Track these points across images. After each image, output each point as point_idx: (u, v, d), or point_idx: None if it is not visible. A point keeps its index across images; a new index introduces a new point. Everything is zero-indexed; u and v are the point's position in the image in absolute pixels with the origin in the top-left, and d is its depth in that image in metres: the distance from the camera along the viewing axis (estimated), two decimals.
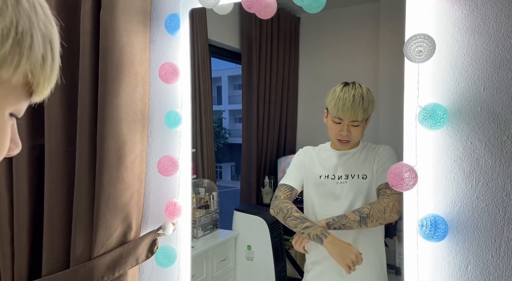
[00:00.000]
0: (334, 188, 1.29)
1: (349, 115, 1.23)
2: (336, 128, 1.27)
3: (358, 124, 1.25)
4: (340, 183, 1.28)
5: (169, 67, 1.16)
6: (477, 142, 0.90)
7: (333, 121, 1.27)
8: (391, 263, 1.36)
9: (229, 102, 2.88)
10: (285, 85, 2.25)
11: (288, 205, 1.31)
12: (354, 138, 1.27)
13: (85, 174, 1.19)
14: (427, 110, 0.89)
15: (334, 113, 1.26)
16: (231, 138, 2.61)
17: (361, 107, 1.23)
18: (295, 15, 2.23)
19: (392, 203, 1.18)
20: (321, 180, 1.31)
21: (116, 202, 1.17)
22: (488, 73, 0.89)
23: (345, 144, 1.28)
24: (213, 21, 1.82)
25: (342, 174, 1.28)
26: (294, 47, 2.24)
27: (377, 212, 1.19)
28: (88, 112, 1.18)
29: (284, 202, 1.32)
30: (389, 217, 1.19)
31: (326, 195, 1.31)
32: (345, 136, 1.26)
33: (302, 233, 1.25)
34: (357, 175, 1.27)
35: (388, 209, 1.19)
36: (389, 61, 1.92)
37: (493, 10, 0.88)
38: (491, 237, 0.90)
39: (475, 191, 0.91)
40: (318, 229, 1.22)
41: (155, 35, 1.25)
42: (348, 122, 1.25)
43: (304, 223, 1.25)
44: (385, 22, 1.97)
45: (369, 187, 1.25)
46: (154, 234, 1.23)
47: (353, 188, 1.26)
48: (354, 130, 1.26)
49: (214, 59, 2.08)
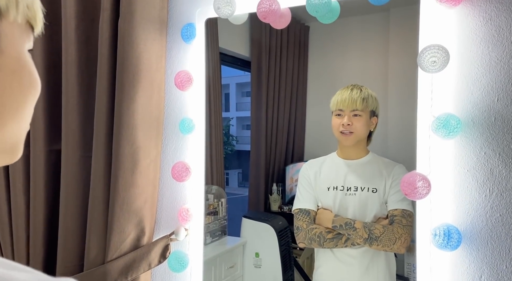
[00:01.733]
0: (344, 199, 1.28)
1: (348, 103, 1.26)
2: (338, 121, 1.29)
3: (359, 114, 1.26)
4: (349, 194, 1.28)
5: (185, 75, 1.18)
6: (491, 151, 0.91)
7: (336, 116, 1.29)
8: (399, 273, 1.35)
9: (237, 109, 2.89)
10: (294, 93, 2.26)
11: (316, 230, 1.28)
12: (356, 130, 1.27)
13: (100, 179, 1.21)
14: (440, 120, 0.90)
15: (335, 107, 1.29)
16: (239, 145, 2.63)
17: (359, 96, 1.25)
18: (304, 24, 2.26)
19: (405, 237, 1.17)
20: (329, 192, 1.31)
21: (130, 206, 1.18)
22: (502, 83, 0.89)
23: (348, 135, 1.28)
24: (224, 30, 1.85)
25: (351, 186, 1.28)
26: (304, 56, 2.26)
27: (387, 239, 1.18)
28: (105, 118, 1.20)
29: (310, 230, 1.29)
30: (397, 249, 1.18)
31: (335, 207, 1.30)
32: (346, 126, 1.26)
33: (346, 246, 1.25)
34: (367, 188, 1.26)
35: (399, 242, 1.17)
36: (399, 70, 1.93)
37: (507, 22, 0.89)
38: (506, 247, 0.90)
39: (489, 201, 0.91)
40: (356, 236, 1.23)
41: (171, 44, 1.28)
42: (349, 113, 1.26)
43: (341, 239, 1.25)
44: (395, 31, 1.98)
45: (379, 201, 1.25)
46: (167, 239, 1.24)
47: (362, 200, 1.26)
48: (356, 120, 1.26)
49: (223, 66, 2.10)
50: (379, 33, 2.03)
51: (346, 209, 1.27)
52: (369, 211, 1.25)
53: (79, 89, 1.23)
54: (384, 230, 1.19)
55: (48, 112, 1.28)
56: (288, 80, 2.26)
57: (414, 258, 1.26)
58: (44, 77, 1.25)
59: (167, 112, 1.30)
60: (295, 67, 2.28)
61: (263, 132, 2.21)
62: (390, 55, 1.99)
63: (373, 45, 2.07)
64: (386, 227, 1.20)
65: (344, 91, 1.29)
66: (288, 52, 2.28)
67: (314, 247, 1.33)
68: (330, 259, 1.31)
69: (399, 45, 1.96)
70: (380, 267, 1.25)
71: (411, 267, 1.36)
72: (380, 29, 2.02)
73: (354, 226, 1.22)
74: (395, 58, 1.96)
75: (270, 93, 2.22)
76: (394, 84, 1.91)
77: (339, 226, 1.23)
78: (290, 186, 2.27)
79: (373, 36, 2.07)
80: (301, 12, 1.01)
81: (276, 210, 2.20)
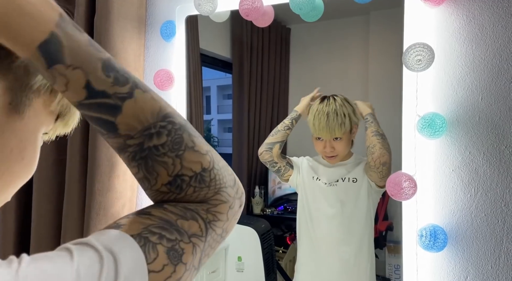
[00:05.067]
0: (326, 190, 1.30)
1: (326, 133, 1.25)
2: (320, 145, 1.29)
3: (339, 138, 1.25)
4: (331, 185, 1.29)
5: (165, 74, 1.14)
6: (476, 151, 0.90)
7: (316, 139, 1.30)
8: (381, 274, 1.34)
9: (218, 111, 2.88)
10: (275, 95, 2.25)
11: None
12: (339, 152, 1.28)
13: (75, 183, 1.16)
14: (425, 120, 0.89)
15: (314, 132, 1.30)
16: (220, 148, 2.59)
17: (336, 124, 1.25)
18: (285, 26, 2.25)
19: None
20: (313, 180, 1.32)
21: (107, 211, 1.14)
22: (486, 83, 0.89)
23: (332, 158, 1.30)
24: (205, 30, 1.82)
25: (332, 181, 1.29)
26: (285, 58, 2.25)
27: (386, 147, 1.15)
28: (80, 120, 1.15)
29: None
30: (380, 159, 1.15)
31: (318, 198, 1.31)
32: (329, 152, 1.28)
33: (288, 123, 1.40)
34: (347, 178, 1.27)
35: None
36: (379, 72, 1.94)
37: (490, 21, 0.89)
38: (491, 247, 0.89)
39: (474, 201, 0.90)
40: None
41: (150, 42, 1.24)
42: (329, 139, 1.26)
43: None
44: (375, 34, 1.99)
45: (359, 190, 1.25)
46: None
47: (342, 190, 1.27)
48: (337, 144, 1.27)
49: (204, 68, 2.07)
50: (360, 36, 2.03)
51: (329, 198, 1.29)
52: (351, 200, 1.26)
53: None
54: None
55: None
56: (270, 82, 2.24)
57: (396, 259, 1.26)
58: None
59: None
60: (277, 69, 2.27)
61: (245, 135, 2.18)
62: (370, 58, 2.00)
63: (354, 48, 2.07)
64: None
65: (321, 115, 1.28)
66: (269, 54, 2.26)
67: (271, 143, 1.41)
68: (311, 259, 1.30)
69: (380, 47, 1.97)
70: (361, 267, 1.25)
71: (393, 267, 1.35)
72: (360, 32, 2.03)
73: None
74: (375, 61, 1.97)
75: (252, 96, 2.19)
76: (375, 86, 1.91)
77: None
78: (272, 188, 2.25)
79: (353, 38, 2.07)
80: (282, 14, 0.99)
81: (259, 212, 2.17)
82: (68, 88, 0.34)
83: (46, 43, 0.32)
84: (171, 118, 0.38)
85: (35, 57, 0.32)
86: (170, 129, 0.37)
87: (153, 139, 0.37)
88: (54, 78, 0.33)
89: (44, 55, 0.32)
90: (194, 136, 0.40)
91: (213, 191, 0.39)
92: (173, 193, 0.38)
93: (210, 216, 0.38)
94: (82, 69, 0.33)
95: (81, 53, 0.34)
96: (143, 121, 0.36)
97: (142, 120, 0.36)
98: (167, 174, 0.37)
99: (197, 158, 0.38)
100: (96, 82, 0.34)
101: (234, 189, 0.41)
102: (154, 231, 0.34)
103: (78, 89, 0.34)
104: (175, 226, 0.35)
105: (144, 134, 0.36)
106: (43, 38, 0.32)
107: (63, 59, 0.33)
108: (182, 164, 0.37)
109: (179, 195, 0.38)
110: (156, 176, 0.37)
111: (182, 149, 0.38)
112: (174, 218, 0.36)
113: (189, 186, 0.38)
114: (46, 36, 0.32)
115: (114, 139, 0.37)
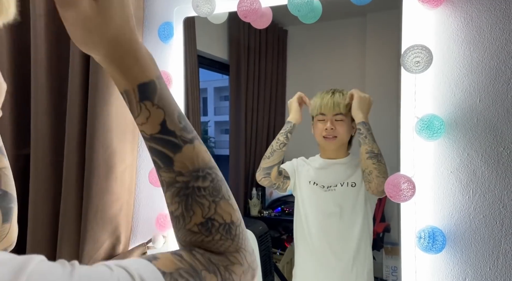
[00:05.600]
0: (324, 195, 1.27)
1: (330, 107, 1.23)
2: (320, 126, 1.26)
3: (342, 119, 1.24)
4: (329, 190, 1.26)
5: (162, 75, 1.14)
6: (474, 153, 0.90)
7: (318, 121, 1.27)
8: (378, 275, 1.34)
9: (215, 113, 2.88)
10: (273, 97, 2.24)
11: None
12: (339, 134, 1.25)
13: (72, 185, 1.15)
14: (424, 121, 0.89)
15: (317, 111, 1.27)
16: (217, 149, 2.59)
17: (342, 99, 1.24)
18: (282, 28, 2.25)
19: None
20: (310, 185, 1.30)
21: (104, 214, 1.13)
22: (484, 85, 0.89)
23: (331, 140, 1.25)
24: (202, 32, 1.81)
25: (331, 184, 1.27)
26: (282, 59, 2.25)
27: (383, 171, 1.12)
28: (77, 121, 1.14)
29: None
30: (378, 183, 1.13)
31: (315, 203, 1.29)
32: (329, 130, 1.24)
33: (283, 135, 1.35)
34: (346, 183, 1.25)
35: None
36: (376, 74, 1.95)
37: (487, 23, 0.89)
38: (489, 249, 0.89)
39: (472, 203, 0.90)
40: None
41: (148, 43, 1.23)
42: (331, 117, 1.24)
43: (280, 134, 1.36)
44: (372, 36, 2.00)
45: (358, 194, 1.23)
46: (143, 247, 1.19)
47: (342, 194, 1.25)
48: (339, 125, 1.24)
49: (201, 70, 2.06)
50: (357, 38, 2.04)
51: (327, 203, 1.26)
52: (349, 205, 1.24)
53: (49, 90, 1.17)
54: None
55: (16, 114, 1.21)
56: (267, 84, 2.24)
57: (393, 260, 1.26)
58: (10, 77, 1.18)
59: None
60: (274, 71, 2.26)
61: (242, 136, 2.18)
62: (367, 60, 2.00)
63: (351, 50, 2.08)
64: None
65: (325, 95, 1.27)
66: (267, 56, 2.26)
67: (268, 159, 1.36)
68: (308, 264, 1.29)
69: (376, 49, 1.97)
70: (359, 272, 1.24)
71: (390, 269, 1.35)
72: (357, 34, 2.03)
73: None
74: (372, 63, 1.98)
75: (249, 97, 2.19)
76: (371, 88, 1.92)
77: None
78: (270, 190, 2.25)
79: (350, 40, 2.08)
80: (280, 15, 0.98)
81: (256, 214, 2.16)
82: (148, 121, 0.44)
83: (145, 85, 0.43)
84: (216, 170, 0.46)
85: (133, 91, 0.43)
86: (213, 178, 0.45)
87: (199, 181, 0.44)
88: (140, 111, 0.44)
89: (140, 91, 0.43)
90: (230, 193, 0.47)
91: (235, 247, 0.44)
92: (202, 235, 0.44)
93: (227, 274, 0.43)
94: (164, 110, 0.44)
95: (167, 100, 0.44)
96: (195, 164, 0.44)
97: (195, 163, 0.44)
98: (201, 215, 0.44)
99: (229, 209, 0.45)
100: (170, 123, 0.44)
101: (251, 257, 0.46)
102: (182, 275, 0.39)
103: (155, 124, 0.44)
104: (199, 275, 0.40)
105: (193, 175, 0.44)
106: (145, 81, 0.43)
107: (153, 99, 0.43)
108: (216, 209, 0.44)
109: (207, 238, 0.44)
110: (192, 214, 0.44)
111: (219, 197, 0.45)
112: (200, 267, 0.41)
113: (217, 232, 0.44)
114: (147, 80, 0.43)
115: (167, 173, 0.45)
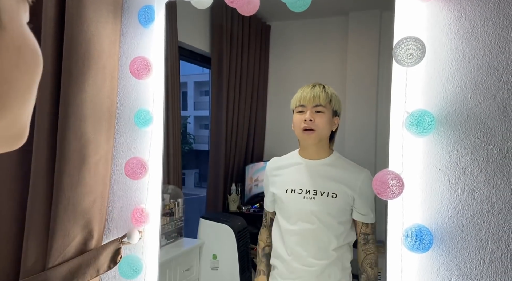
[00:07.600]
0: (302, 203, 1.20)
1: (309, 98, 1.19)
2: (300, 118, 1.20)
3: (322, 111, 1.19)
4: (308, 198, 1.19)
5: (141, 62, 1.08)
6: (463, 150, 0.88)
7: (297, 113, 1.21)
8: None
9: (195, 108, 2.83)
10: (254, 92, 2.21)
11: (260, 242, 1.36)
12: (318, 127, 1.19)
13: (42, 176, 1.08)
14: (414, 117, 0.86)
15: (296, 103, 1.22)
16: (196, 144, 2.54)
17: (322, 91, 1.20)
18: (266, 23, 2.21)
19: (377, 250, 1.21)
20: (287, 194, 1.22)
21: (76, 207, 1.06)
22: (476, 80, 0.87)
23: (310, 133, 1.19)
24: (184, 21, 1.76)
25: (310, 189, 1.20)
26: (264, 55, 2.22)
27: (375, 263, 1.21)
28: (49, 108, 1.07)
29: (259, 237, 1.37)
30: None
31: (292, 215, 1.22)
32: (308, 121, 1.18)
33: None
34: (326, 193, 1.18)
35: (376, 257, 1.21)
36: (357, 72, 1.95)
37: (481, 17, 0.87)
38: (475, 248, 0.87)
39: (460, 201, 0.88)
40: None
41: (127, 28, 1.16)
42: (311, 108, 1.19)
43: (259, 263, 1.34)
44: (354, 34, 2.00)
45: (338, 207, 1.18)
46: (118, 242, 1.13)
47: (320, 206, 1.18)
48: (318, 117, 1.19)
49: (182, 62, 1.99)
50: (339, 36, 2.04)
51: (304, 212, 1.19)
52: (327, 217, 1.18)
53: None
54: (371, 264, 1.21)
55: None
56: (248, 79, 2.20)
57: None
58: None
59: (120, 102, 1.18)
60: (256, 65, 2.23)
61: (223, 132, 2.13)
62: (348, 57, 2.00)
63: (333, 47, 2.07)
64: (368, 258, 1.22)
65: (306, 88, 1.22)
66: (249, 51, 2.22)
67: None
68: (285, 269, 1.24)
69: (358, 47, 1.97)
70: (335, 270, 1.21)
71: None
72: (339, 32, 2.03)
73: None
74: (353, 60, 1.98)
75: (230, 92, 2.14)
76: (352, 85, 1.92)
77: None
78: (249, 185, 2.22)
79: (332, 38, 2.08)
80: (263, 10, 0.94)
81: (235, 210, 2.13)
82: None
83: None
84: None
85: None
86: None
87: None
88: None
89: None
90: None
91: None
92: None
93: None
94: None
95: None
96: None
97: None
98: None
99: None
100: None
101: None
102: None
103: None
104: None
105: None
106: None
107: None
108: None
109: None
110: None
111: None
112: None
113: None
114: None
115: None
